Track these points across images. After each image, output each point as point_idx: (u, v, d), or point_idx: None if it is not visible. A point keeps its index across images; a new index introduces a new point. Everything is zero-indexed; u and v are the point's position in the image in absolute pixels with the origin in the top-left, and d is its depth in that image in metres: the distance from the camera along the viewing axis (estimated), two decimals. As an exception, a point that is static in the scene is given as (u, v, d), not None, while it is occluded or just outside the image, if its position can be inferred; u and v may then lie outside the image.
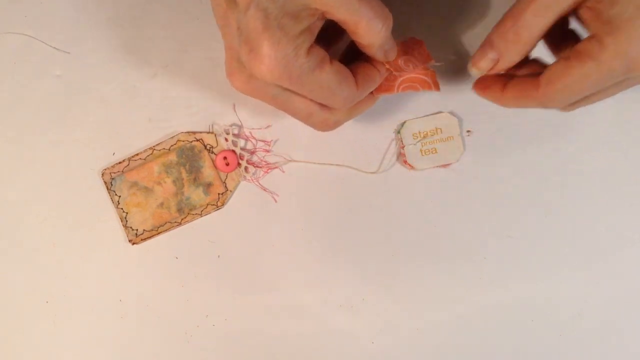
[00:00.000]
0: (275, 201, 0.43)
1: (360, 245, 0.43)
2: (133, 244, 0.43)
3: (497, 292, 0.43)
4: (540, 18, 0.31)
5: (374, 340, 0.43)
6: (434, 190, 0.43)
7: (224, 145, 0.43)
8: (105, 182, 0.43)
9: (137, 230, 0.43)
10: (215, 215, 0.43)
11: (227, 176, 0.43)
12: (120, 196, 0.43)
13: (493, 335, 0.43)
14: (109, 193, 0.43)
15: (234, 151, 0.43)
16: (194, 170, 0.43)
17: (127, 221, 0.43)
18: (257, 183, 0.43)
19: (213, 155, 0.43)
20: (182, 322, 0.43)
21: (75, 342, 0.43)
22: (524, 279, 0.43)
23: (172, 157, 0.43)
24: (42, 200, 0.43)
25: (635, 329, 0.43)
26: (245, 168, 0.43)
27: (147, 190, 0.43)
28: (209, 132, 0.43)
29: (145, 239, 0.43)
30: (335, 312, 0.43)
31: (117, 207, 0.43)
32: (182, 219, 0.43)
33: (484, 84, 0.36)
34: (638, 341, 0.43)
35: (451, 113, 0.43)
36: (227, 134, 0.43)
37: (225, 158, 0.43)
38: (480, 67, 0.35)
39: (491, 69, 0.34)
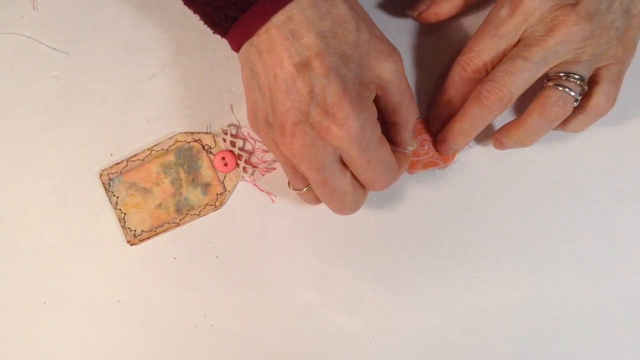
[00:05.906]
0: (274, 201, 0.43)
1: (358, 245, 0.43)
2: (131, 244, 0.43)
3: (494, 291, 0.43)
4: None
5: (372, 340, 0.43)
6: (432, 190, 0.44)
7: (222, 145, 0.43)
8: (103, 183, 0.43)
9: (135, 231, 0.43)
10: (213, 215, 0.43)
11: (225, 176, 0.43)
12: (118, 197, 0.43)
13: (491, 334, 0.43)
14: (107, 194, 0.43)
15: (232, 151, 0.43)
16: (192, 171, 0.43)
17: (125, 222, 0.43)
18: (255, 183, 0.43)
19: (211, 156, 0.43)
20: (180, 323, 0.43)
21: (73, 342, 0.43)
22: (522, 279, 0.43)
23: (171, 157, 0.43)
24: (40, 201, 0.43)
25: (632, 328, 0.44)
26: (244, 168, 0.43)
27: (146, 191, 0.43)
28: (207, 133, 0.43)
29: (143, 240, 0.43)
30: (334, 311, 0.43)
31: (115, 208, 0.43)
32: (180, 220, 0.43)
33: None
34: (634, 340, 0.44)
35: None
36: (225, 134, 0.43)
37: (223, 158, 0.43)
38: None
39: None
